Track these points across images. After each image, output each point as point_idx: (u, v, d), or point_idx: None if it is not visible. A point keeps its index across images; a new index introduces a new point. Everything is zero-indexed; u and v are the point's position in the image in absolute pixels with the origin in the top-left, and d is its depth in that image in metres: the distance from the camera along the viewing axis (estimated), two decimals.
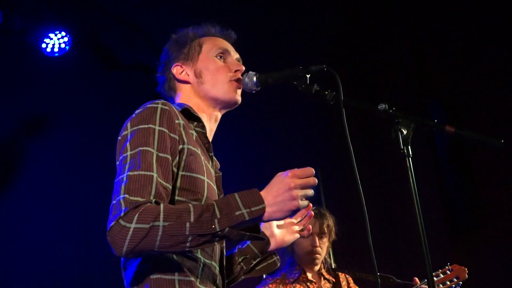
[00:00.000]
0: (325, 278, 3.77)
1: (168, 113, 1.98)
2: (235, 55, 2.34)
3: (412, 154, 1.86)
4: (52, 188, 5.31)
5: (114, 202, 1.81)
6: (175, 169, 1.94)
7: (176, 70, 2.31)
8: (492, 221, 4.77)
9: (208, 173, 2.05)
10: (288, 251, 3.71)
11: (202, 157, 2.07)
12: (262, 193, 1.82)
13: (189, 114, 2.16)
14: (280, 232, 2.34)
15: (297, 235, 2.36)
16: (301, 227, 2.36)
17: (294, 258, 3.75)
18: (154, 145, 1.90)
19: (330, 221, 3.75)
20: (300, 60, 2.48)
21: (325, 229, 3.72)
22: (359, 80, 5.40)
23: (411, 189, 1.83)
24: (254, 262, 2.34)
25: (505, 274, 4.59)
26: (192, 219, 1.75)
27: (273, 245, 2.33)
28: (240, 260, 2.33)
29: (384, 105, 1.96)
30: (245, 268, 2.33)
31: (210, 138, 2.25)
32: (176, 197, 1.95)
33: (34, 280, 5.00)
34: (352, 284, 3.87)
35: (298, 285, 3.67)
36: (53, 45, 5.29)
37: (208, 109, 2.25)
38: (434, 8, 5.41)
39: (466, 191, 4.92)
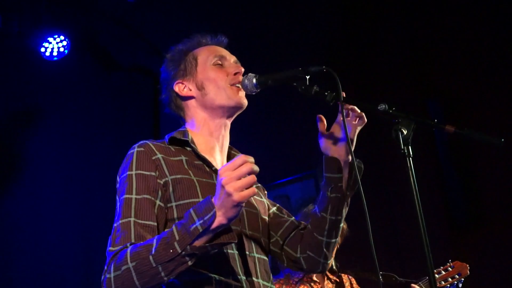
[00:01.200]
0: (328, 279, 3.78)
1: (143, 154, 2.08)
2: (231, 58, 2.35)
3: (412, 154, 1.87)
4: (52, 191, 5.31)
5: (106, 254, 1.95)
6: (161, 204, 2.02)
7: (178, 88, 2.31)
8: (493, 219, 4.78)
9: (206, 192, 2.05)
10: None
11: (197, 178, 2.09)
12: (213, 197, 1.82)
13: (175, 141, 2.21)
14: (338, 139, 2.21)
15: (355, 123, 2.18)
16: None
17: None
18: (132, 190, 2.01)
19: (345, 225, 3.75)
20: (299, 61, 2.48)
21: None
22: (358, 80, 5.40)
23: (412, 188, 1.83)
24: (341, 184, 2.20)
25: (506, 271, 4.60)
26: (153, 251, 1.81)
27: (345, 150, 2.19)
28: (330, 193, 2.19)
29: (384, 105, 1.96)
30: (339, 195, 2.19)
31: (224, 147, 2.29)
32: None
33: (36, 281, 5.01)
34: (355, 285, 3.88)
35: (302, 286, 3.67)
36: (52, 49, 5.29)
37: (216, 119, 2.26)
38: (433, 7, 5.42)
39: (467, 190, 4.92)
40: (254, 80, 2.21)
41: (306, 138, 5.52)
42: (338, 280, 3.82)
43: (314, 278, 3.73)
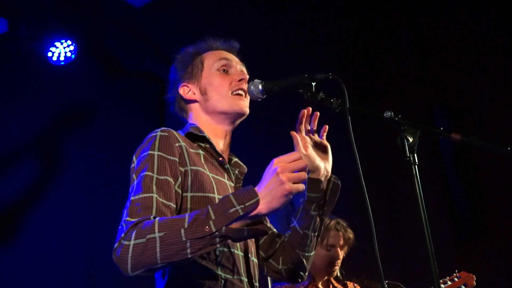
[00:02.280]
0: (334, 287, 3.77)
1: (166, 138, 2.05)
2: (238, 65, 2.34)
3: (418, 162, 1.86)
4: (58, 195, 5.33)
5: (119, 226, 1.86)
6: (179, 190, 1.99)
7: (182, 90, 2.32)
8: (498, 229, 4.76)
9: (220, 189, 2.08)
10: None
11: (212, 174, 2.11)
12: (257, 187, 1.82)
13: (193, 136, 2.21)
14: (318, 160, 2.29)
15: (323, 141, 2.31)
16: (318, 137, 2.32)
17: None
18: (154, 169, 1.96)
19: (351, 234, 3.76)
20: (306, 68, 2.47)
21: (347, 241, 3.73)
22: (364, 87, 5.40)
23: (417, 196, 1.83)
24: (323, 202, 2.29)
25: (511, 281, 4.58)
26: (186, 225, 1.76)
27: (324, 170, 2.29)
28: (312, 211, 2.27)
29: (389, 113, 1.96)
30: (321, 212, 2.29)
31: (225, 152, 2.29)
32: None
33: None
34: None
35: None
36: (59, 53, 5.32)
37: (218, 124, 2.27)
38: (440, 14, 5.41)
39: (472, 199, 4.91)
40: (260, 86, 2.21)
41: None
42: None
43: (320, 285, 3.72)
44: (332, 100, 2.09)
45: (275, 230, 2.41)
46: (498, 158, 4.47)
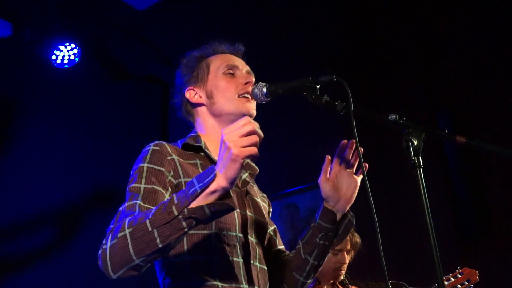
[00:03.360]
0: None
1: (159, 152, 2.09)
2: (244, 68, 2.35)
3: (422, 164, 1.86)
4: (60, 197, 5.34)
5: None
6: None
7: (189, 94, 2.33)
8: (502, 229, 4.75)
9: None
10: None
11: None
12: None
13: (188, 147, 2.22)
14: (345, 188, 2.25)
15: (357, 178, 2.24)
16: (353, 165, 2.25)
17: None
18: (142, 180, 2.00)
19: (358, 239, 3.76)
20: (310, 70, 2.48)
21: (354, 246, 3.73)
22: (368, 90, 5.40)
23: (422, 199, 1.83)
24: (332, 234, 2.25)
25: None
26: (150, 215, 1.77)
27: (342, 205, 2.26)
28: (319, 240, 2.24)
29: (394, 116, 1.96)
30: (327, 243, 2.25)
31: None
32: None
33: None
34: None
35: None
36: (63, 57, 5.33)
37: (224, 127, 2.27)
38: (444, 17, 5.41)
39: (476, 200, 4.90)
40: (264, 89, 2.21)
41: (315, 147, 5.51)
42: None
43: None
44: (336, 103, 2.09)
45: (283, 247, 2.40)
46: (502, 160, 4.47)
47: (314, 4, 5.74)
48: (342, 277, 3.76)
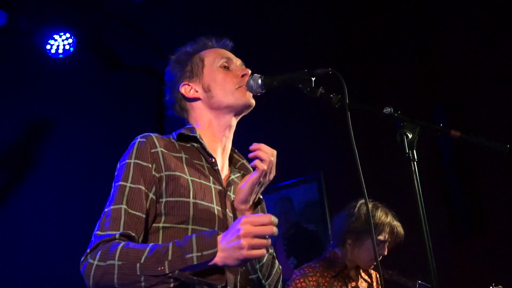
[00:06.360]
0: (362, 277, 3.75)
1: (144, 144, 2.09)
2: (237, 61, 2.35)
3: (417, 158, 1.86)
4: (56, 190, 5.32)
5: (91, 238, 1.96)
6: (153, 197, 2.02)
7: (184, 89, 2.31)
8: (496, 226, 4.76)
9: (199, 193, 2.07)
10: (343, 249, 3.66)
11: (192, 178, 2.09)
12: (221, 236, 1.81)
13: (184, 136, 2.21)
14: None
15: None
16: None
17: (347, 255, 3.65)
18: (128, 178, 2.03)
19: (402, 232, 3.71)
20: (305, 63, 2.48)
21: (396, 238, 3.69)
22: (364, 84, 5.39)
23: (416, 193, 1.83)
24: None
25: (509, 279, 4.59)
26: (143, 260, 1.80)
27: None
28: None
29: (389, 109, 1.95)
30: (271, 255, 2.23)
31: (226, 149, 2.29)
32: (162, 224, 2.02)
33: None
34: (377, 284, 3.83)
35: (336, 282, 3.62)
36: (58, 46, 5.31)
37: (221, 119, 2.26)
38: (440, 10, 5.40)
39: (470, 196, 4.90)
40: (260, 81, 2.21)
41: (310, 140, 5.52)
42: (369, 279, 3.79)
43: (351, 275, 3.69)
44: (331, 96, 2.09)
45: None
46: (497, 155, 4.47)
47: None
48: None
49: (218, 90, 2.26)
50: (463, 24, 5.22)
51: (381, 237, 3.60)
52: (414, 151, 1.87)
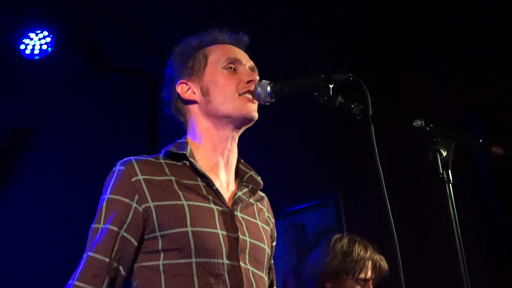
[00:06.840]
0: None
1: (122, 174, 2.09)
2: (247, 63, 2.31)
3: (452, 179, 1.84)
4: (40, 197, 5.37)
5: (70, 279, 2.02)
6: (127, 236, 2.04)
7: (180, 88, 2.29)
8: None
9: (197, 219, 2.04)
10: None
11: (187, 203, 2.06)
12: None
13: (172, 154, 2.19)
14: None
15: None
16: None
17: None
18: (100, 219, 2.07)
19: (386, 265, 3.70)
20: (322, 68, 2.47)
21: (380, 273, 3.67)
22: (389, 91, 5.36)
23: (451, 218, 1.81)
24: None
25: None
26: None
27: None
28: None
29: (420, 121, 1.93)
30: None
31: (230, 164, 2.26)
32: (162, 262, 2.01)
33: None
34: None
35: None
36: (33, 46, 5.30)
37: (220, 130, 2.23)
38: (472, 7, 5.39)
39: (509, 217, 4.89)
40: (269, 88, 2.18)
41: (326, 159, 5.50)
42: None
43: None
44: (352, 106, 2.07)
45: (273, 277, 2.38)
46: None
47: None
48: None
49: (216, 95, 2.22)
50: (502, 19, 5.20)
51: (362, 275, 3.54)
52: (449, 171, 1.84)
